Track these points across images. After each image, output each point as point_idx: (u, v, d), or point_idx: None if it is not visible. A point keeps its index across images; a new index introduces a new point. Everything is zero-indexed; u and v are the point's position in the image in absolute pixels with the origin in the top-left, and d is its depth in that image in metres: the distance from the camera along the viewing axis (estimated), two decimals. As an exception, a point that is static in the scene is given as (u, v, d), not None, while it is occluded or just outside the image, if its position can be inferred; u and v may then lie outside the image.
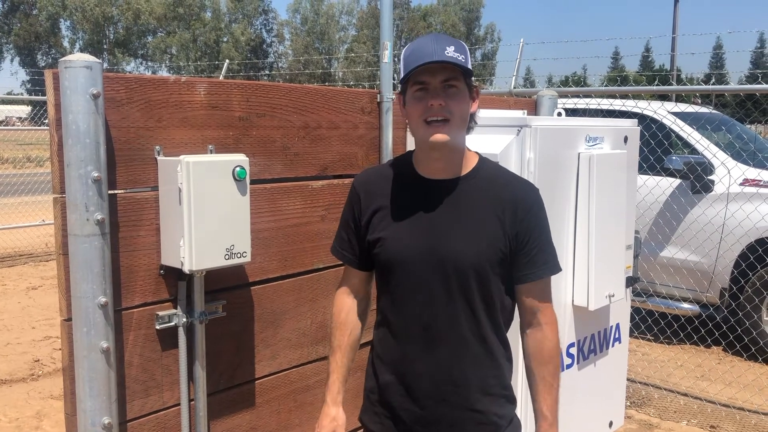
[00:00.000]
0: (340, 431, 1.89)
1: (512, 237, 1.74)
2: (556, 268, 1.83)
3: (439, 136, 1.68)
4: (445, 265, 1.72)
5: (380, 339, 1.89)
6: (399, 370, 1.81)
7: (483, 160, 1.84)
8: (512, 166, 2.59)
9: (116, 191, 1.99)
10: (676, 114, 5.97)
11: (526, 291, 1.80)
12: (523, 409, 2.68)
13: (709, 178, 5.45)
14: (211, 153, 2.19)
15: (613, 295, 2.93)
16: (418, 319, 1.77)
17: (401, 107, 1.79)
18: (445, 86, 1.68)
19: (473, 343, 1.76)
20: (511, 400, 1.87)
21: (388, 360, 1.85)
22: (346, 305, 1.96)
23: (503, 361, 1.84)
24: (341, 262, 1.98)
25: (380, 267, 1.84)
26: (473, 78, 1.76)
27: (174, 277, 2.12)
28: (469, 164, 1.81)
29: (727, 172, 5.39)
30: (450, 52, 1.66)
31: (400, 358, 1.81)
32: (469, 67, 1.70)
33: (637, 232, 3.33)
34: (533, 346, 1.81)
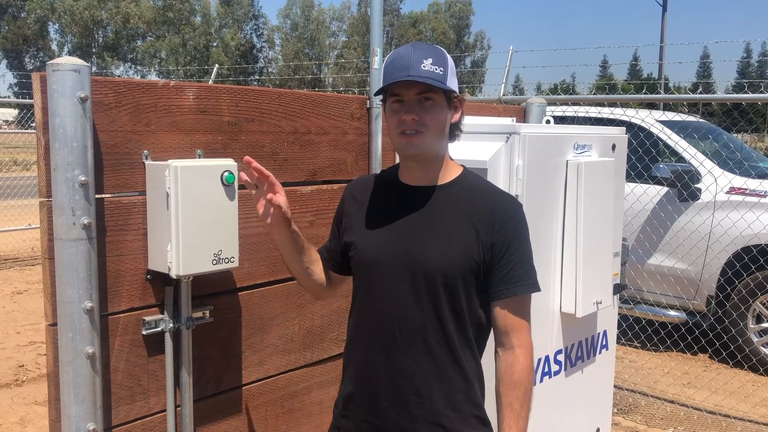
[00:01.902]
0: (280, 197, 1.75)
1: (488, 248, 1.70)
2: (533, 287, 1.75)
3: (411, 148, 1.69)
4: (413, 269, 1.70)
5: (347, 347, 1.87)
6: (362, 378, 1.78)
7: (467, 172, 1.83)
8: (501, 173, 2.60)
9: (103, 195, 1.98)
10: (663, 122, 6.01)
11: (500, 309, 1.72)
12: None
13: (696, 186, 5.49)
14: (199, 158, 2.18)
15: (600, 302, 2.94)
16: (384, 325, 1.73)
17: (384, 115, 1.81)
18: (420, 99, 1.67)
19: (440, 354, 1.70)
20: (484, 422, 1.79)
21: (353, 368, 1.82)
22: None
23: (473, 379, 1.77)
24: None
25: (354, 270, 1.84)
26: (459, 86, 1.75)
27: (161, 282, 2.10)
28: (451, 174, 1.80)
29: (714, 180, 5.43)
30: (427, 65, 1.65)
31: (364, 365, 1.78)
32: (447, 80, 1.68)
33: (624, 239, 3.34)
34: (503, 369, 1.71)
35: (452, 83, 1.71)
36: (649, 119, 6.05)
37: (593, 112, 6.23)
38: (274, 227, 1.80)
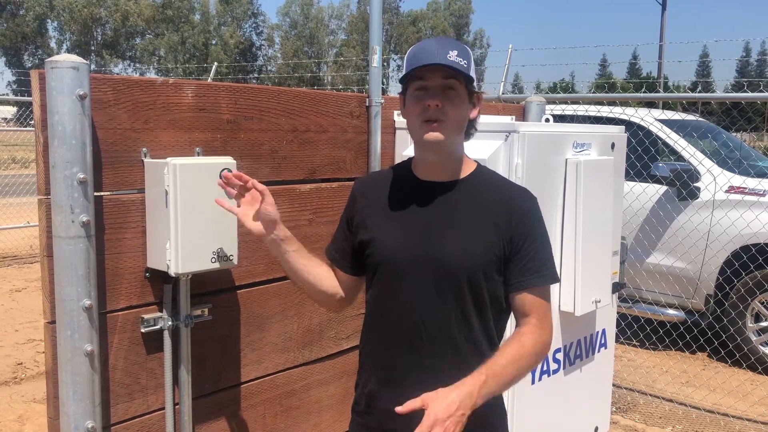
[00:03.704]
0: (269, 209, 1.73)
1: (507, 241, 1.71)
2: (550, 278, 1.75)
3: (433, 135, 1.68)
4: (436, 267, 1.69)
5: (366, 344, 1.86)
6: (386, 375, 1.77)
7: (481, 167, 1.83)
8: (500, 171, 2.59)
9: (102, 193, 1.98)
10: (662, 121, 6.01)
11: (519, 300, 1.73)
12: (515, 423, 2.68)
13: (695, 185, 5.49)
14: (198, 155, 2.18)
15: (599, 301, 2.94)
16: (407, 322, 1.73)
17: (402, 107, 1.78)
18: (444, 88, 1.68)
19: (464, 348, 1.71)
20: (502, 411, 1.81)
21: (374, 365, 1.81)
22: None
23: None
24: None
25: (371, 268, 1.81)
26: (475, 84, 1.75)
27: (160, 280, 2.10)
28: (467, 169, 1.80)
29: (713, 179, 5.43)
30: (452, 56, 1.65)
31: (387, 362, 1.77)
32: (471, 72, 1.69)
33: (623, 238, 3.34)
34: (521, 332, 1.70)
35: (474, 76, 1.72)
36: (649, 118, 6.05)
37: (592, 110, 6.23)
38: (266, 235, 1.78)
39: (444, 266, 1.70)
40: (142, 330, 2.08)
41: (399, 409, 1.50)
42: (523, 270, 1.71)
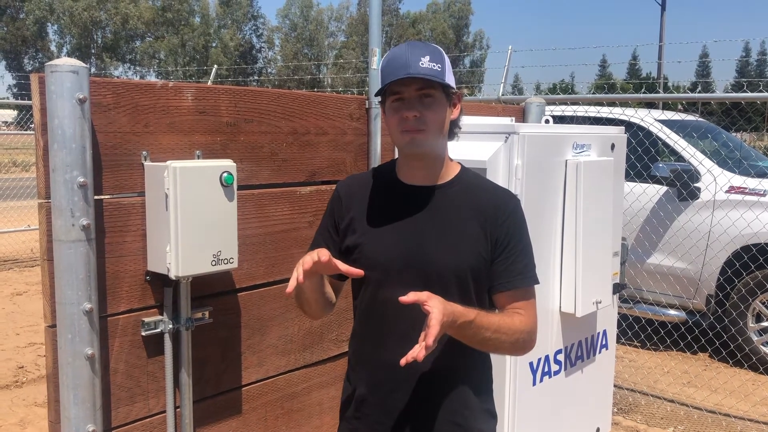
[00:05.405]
0: (324, 254, 1.55)
1: (493, 243, 1.72)
2: (532, 280, 1.76)
3: (414, 147, 1.68)
4: (426, 271, 1.69)
5: (356, 349, 1.85)
6: (377, 380, 1.77)
7: (465, 170, 1.83)
8: (500, 173, 2.60)
9: (102, 196, 1.98)
10: (662, 122, 6.01)
11: (506, 299, 1.74)
12: (516, 425, 2.68)
13: (696, 185, 5.49)
14: (198, 158, 2.18)
15: (600, 302, 2.94)
16: (396, 327, 1.72)
17: (383, 116, 1.79)
18: (420, 96, 1.67)
19: (454, 353, 1.71)
20: (493, 415, 1.82)
21: (364, 371, 1.81)
22: None
23: (485, 372, 1.80)
24: None
25: None
26: (455, 84, 1.74)
27: (160, 283, 2.10)
28: (451, 172, 1.80)
29: (713, 179, 5.43)
30: (425, 62, 1.64)
31: (376, 368, 1.77)
32: (445, 77, 1.68)
33: (624, 238, 3.34)
34: (507, 311, 1.72)
35: (450, 80, 1.71)
36: (648, 118, 6.05)
37: (592, 111, 6.23)
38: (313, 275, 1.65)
39: (434, 270, 1.70)
40: (143, 333, 2.08)
41: (403, 298, 1.47)
42: (506, 272, 1.73)
